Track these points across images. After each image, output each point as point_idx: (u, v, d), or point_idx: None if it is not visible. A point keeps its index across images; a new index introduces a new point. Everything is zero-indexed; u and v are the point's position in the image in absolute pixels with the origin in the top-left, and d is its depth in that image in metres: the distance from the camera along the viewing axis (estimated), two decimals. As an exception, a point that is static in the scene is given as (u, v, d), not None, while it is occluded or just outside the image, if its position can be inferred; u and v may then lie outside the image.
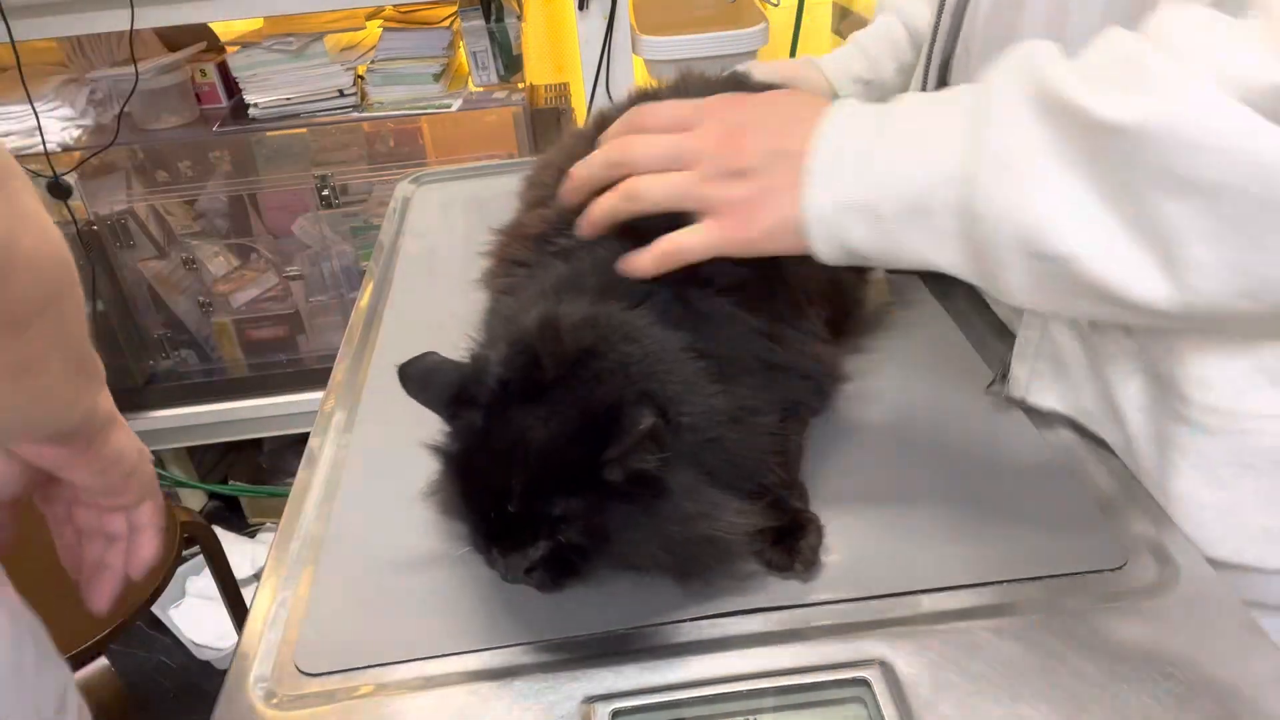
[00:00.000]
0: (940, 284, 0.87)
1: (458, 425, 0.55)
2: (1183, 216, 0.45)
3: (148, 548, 0.57)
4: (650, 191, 0.57)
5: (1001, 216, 0.49)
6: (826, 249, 0.56)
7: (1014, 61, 0.51)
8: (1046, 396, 0.69)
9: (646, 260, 0.58)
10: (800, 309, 0.68)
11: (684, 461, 0.53)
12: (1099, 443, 0.67)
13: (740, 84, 0.80)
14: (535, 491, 0.51)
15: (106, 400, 0.50)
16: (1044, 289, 0.51)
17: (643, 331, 0.56)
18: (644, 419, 0.49)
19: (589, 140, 0.78)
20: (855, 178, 0.54)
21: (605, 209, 0.60)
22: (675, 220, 0.59)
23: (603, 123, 0.78)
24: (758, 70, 0.90)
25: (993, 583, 0.56)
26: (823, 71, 0.95)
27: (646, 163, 0.58)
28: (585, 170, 0.61)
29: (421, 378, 0.56)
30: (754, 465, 0.58)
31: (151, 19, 1.73)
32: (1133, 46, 0.47)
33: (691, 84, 0.80)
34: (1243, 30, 0.45)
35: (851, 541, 0.60)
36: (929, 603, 0.56)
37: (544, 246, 0.69)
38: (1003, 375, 0.71)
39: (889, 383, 0.75)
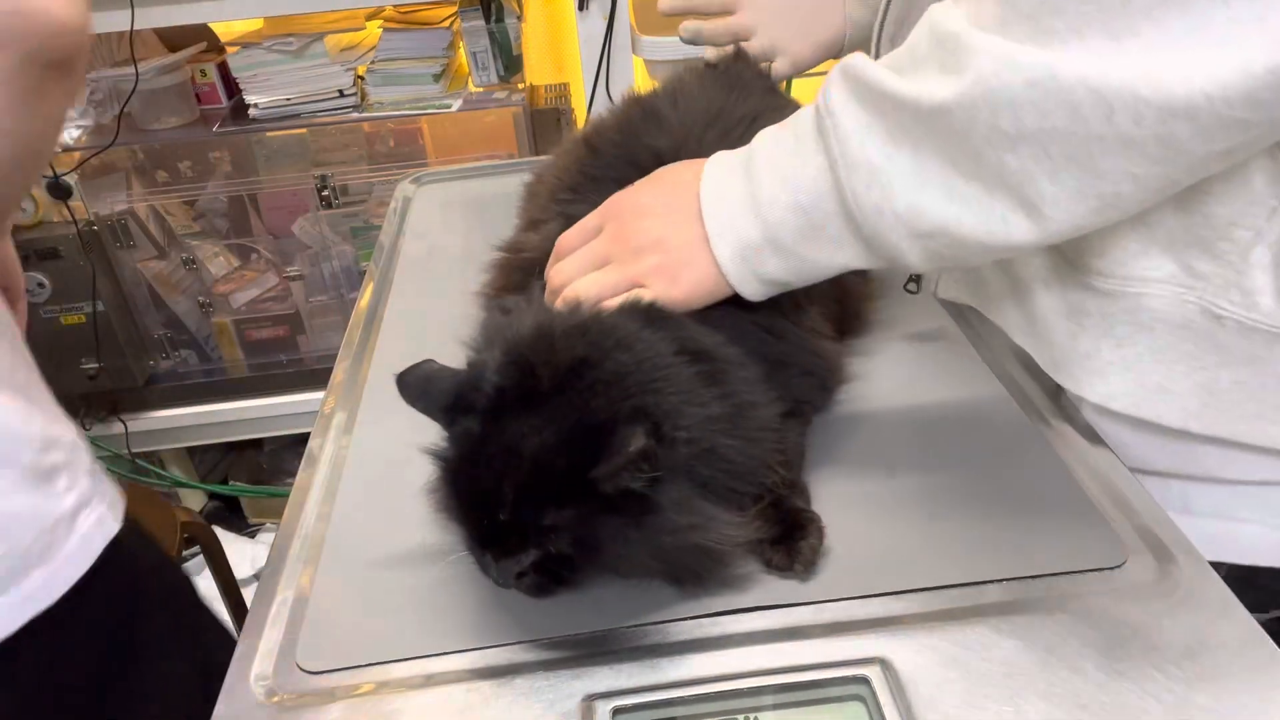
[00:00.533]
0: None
1: (455, 432, 0.55)
2: (1023, 164, 0.51)
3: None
4: (587, 292, 0.63)
5: (876, 211, 0.56)
6: (750, 288, 0.62)
7: (837, 73, 0.57)
8: (953, 290, 0.78)
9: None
10: (800, 306, 0.68)
11: (677, 475, 0.53)
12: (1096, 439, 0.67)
13: (742, 59, 0.81)
14: (526, 501, 0.51)
15: None
16: (938, 257, 0.57)
17: (636, 337, 0.56)
18: (635, 440, 0.49)
19: (581, 148, 0.78)
20: (747, 222, 0.60)
21: None
22: None
23: (600, 129, 0.79)
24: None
25: (993, 581, 0.57)
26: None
27: (578, 275, 0.65)
28: (547, 299, 0.68)
29: (419, 385, 0.57)
30: (752, 469, 0.58)
31: (151, 19, 1.74)
32: (940, 21, 0.53)
33: (686, 85, 0.79)
34: None
35: (852, 540, 0.60)
36: (929, 601, 0.56)
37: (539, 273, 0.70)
38: (915, 277, 0.79)
39: (889, 382, 0.75)
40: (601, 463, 0.50)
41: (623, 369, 0.54)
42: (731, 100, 0.79)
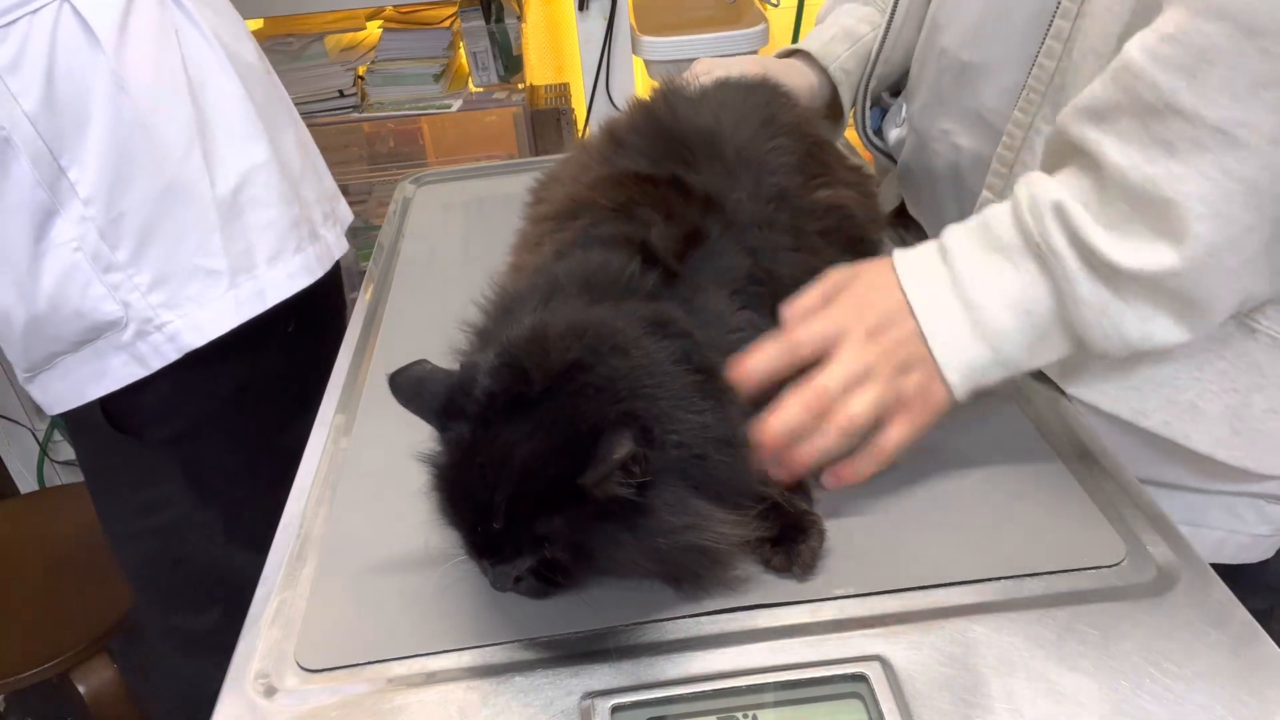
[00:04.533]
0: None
1: (446, 438, 0.55)
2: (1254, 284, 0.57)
3: None
4: (860, 408, 0.59)
5: (1105, 336, 0.58)
6: (965, 398, 0.62)
7: (1051, 214, 0.58)
8: None
9: (865, 469, 0.61)
10: None
11: (670, 476, 0.52)
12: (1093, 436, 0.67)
13: (728, 89, 0.80)
14: (518, 509, 0.51)
15: None
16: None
17: (634, 342, 0.55)
18: (621, 446, 0.49)
19: (596, 154, 0.78)
20: (978, 351, 0.60)
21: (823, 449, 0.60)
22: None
23: (612, 134, 0.78)
24: (736, 65, 0.90)
25: (991, 579, 0.57)
26: (815, 59, 0.95)
27: (843, 387, 0.60)
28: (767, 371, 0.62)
29: (411, 387, 0.56)
30: (745, 486, 0.57)
31: (152, 19, 1.73)
32: (1131, 169, 0.55)
33: (675, 99, 0.79)
34: None
35: (851, 538, 0.60)
36: (928, 599, 0.56)
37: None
38: None
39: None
40: (589, 469, 0.49)
41: (615, 374, 0.53)
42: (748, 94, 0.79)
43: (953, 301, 0.60)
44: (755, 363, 0.60)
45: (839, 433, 0.59)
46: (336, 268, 1.15)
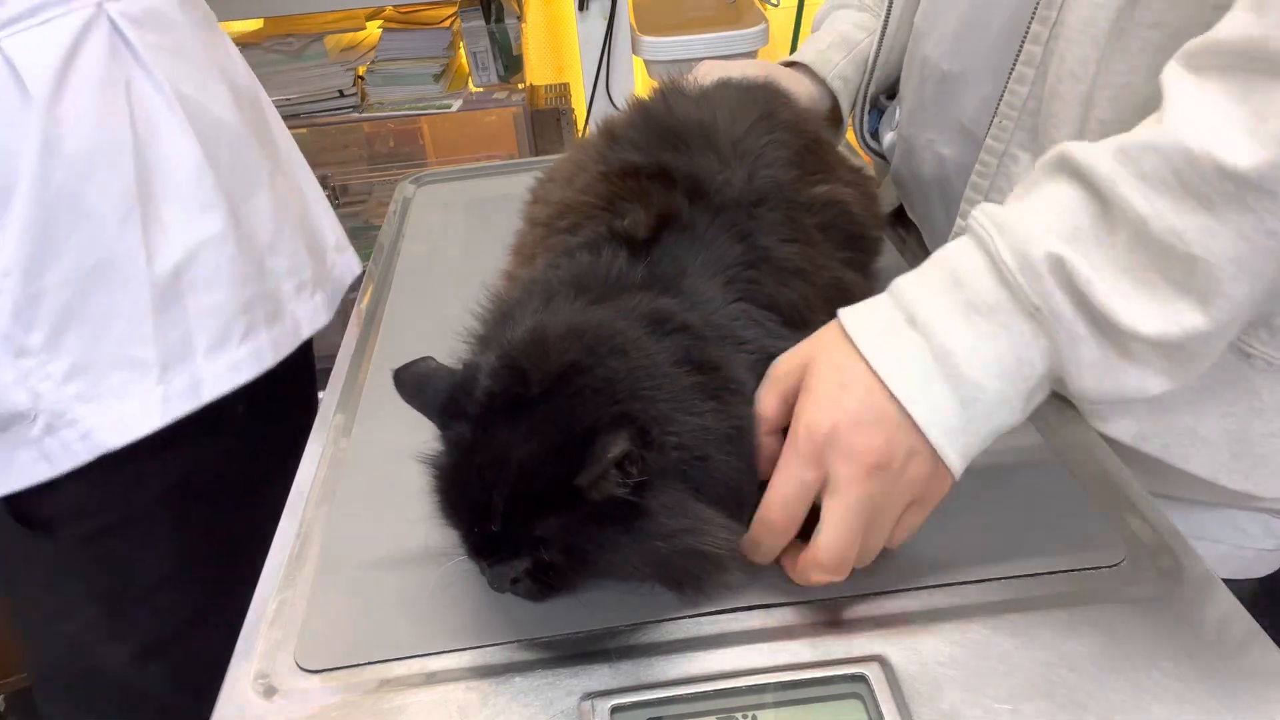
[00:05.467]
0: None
1: (447, 436, 0.55)
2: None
3: None
4: (875, 545, 0.55)
5: (1101, 394, 0.52)
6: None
7: (1048, 272, 0.50)
8: None
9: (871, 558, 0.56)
10: (806, 321, 0.64)
11: (668, 479, 0.52)
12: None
13: (728, 88, 0.80)
14: (515, 511, 0.51)
15: None
16: None
17: (633, 343, 0.55)
18: (616, 446, 0.48)
19: (594, 152, 0.78)
20: (974, 432, 0.53)
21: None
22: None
23: (609, 132, 0.78)
24: (738, 68, 0.90)
25: (991, 580, 0.57)
26: (812, 69, 0.95)
27: (851, 541, 0.54)
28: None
29: (415, 383, 0.56)
30: (748, 489, 0.56)
31: (152, 19, 1.73)
32: (1153, 218, 0.48)
33: (674, 97, 0.79)
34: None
35: (850, 539, 0.60)
36: (928, 599, 0.56)
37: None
38: None
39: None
40: (584, 470, 0.49)
41: (614, 375, 0.53)
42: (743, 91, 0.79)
43: (940, 383, 0.52)
44: (755, 555, 0.56)
45: (861, 564, 0.55)
46: (307, 345, 1.00)
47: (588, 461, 0.49)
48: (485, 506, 0.51)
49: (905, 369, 0.52)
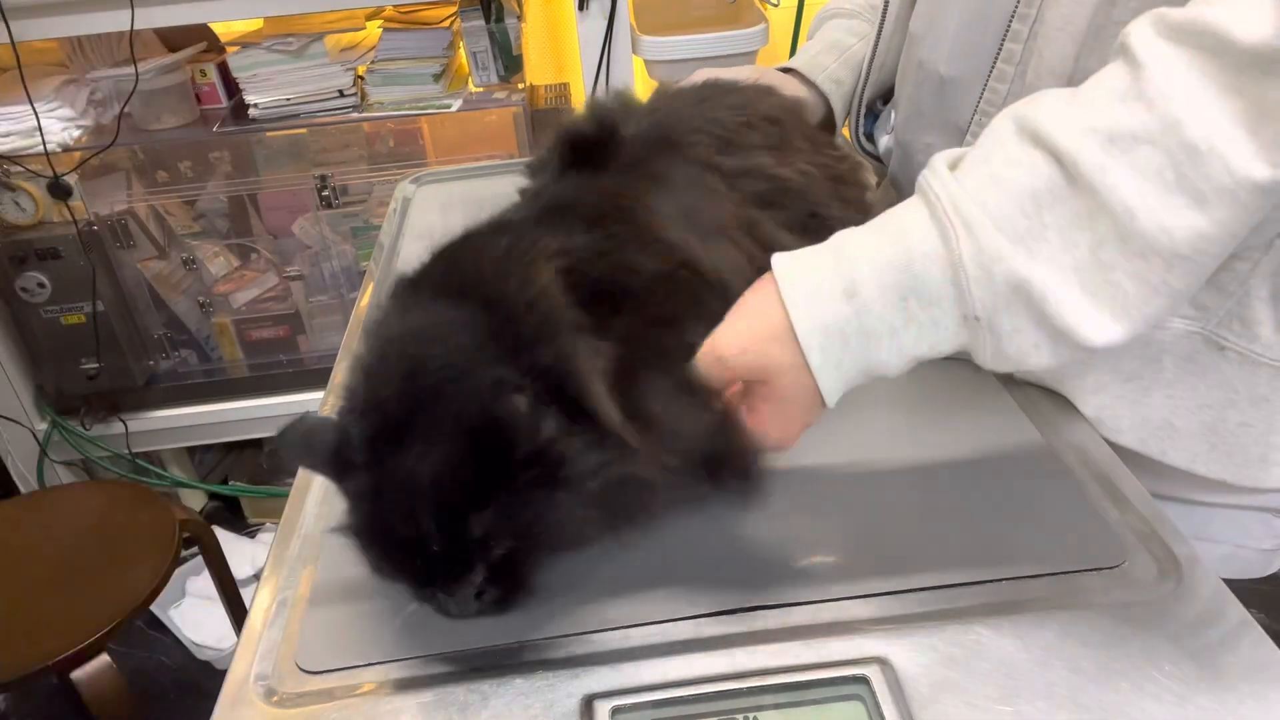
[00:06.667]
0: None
1: (347, 489, 0.55)
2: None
3: None
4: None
5: (1023, 356, 0.51)
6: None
7: (975, 267, 0.49)
8: None
9: None
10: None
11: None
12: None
13: (717, 89, 0.81)
14: (446, 523, 0.51)
15: None
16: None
17: (446, 325, 0.55)
18: (518, 404, 0.49)
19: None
20: (855, 371, 0.55)
21: None
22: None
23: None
24: (735, 73, 0.90)
25: (992, 581, 0.57)
26: (805, 76, 0.95)
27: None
28: None
29: (300, 441, 0.55)
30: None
31: (151, 19, 1.74)
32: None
33: (664, 100, 0.79)
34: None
35: (851, 540, 0.60)
36: (928, 601, 0.56)
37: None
38: None
39: (888, 384, 0.75)
40: (516, 446, 0.49)
41: (445, 361, 0.53)
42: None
43: (850, 358, 0.54)
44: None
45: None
46: None
47: (510, 433, 0.49)
48: (417, 533, 0.51)
49: (826, 343, 0.53)
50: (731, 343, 0.55)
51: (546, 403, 0.52)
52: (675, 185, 0.67)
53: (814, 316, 0.53)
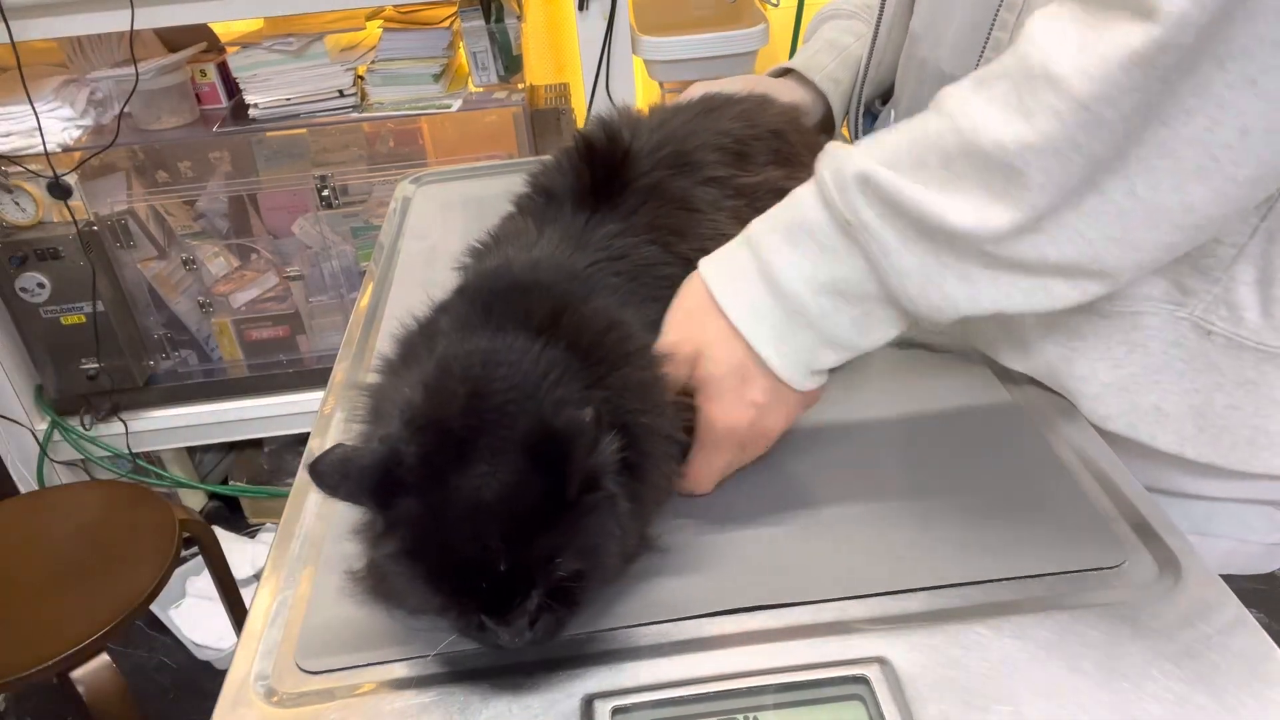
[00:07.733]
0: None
1: (397, 515, 0.52)
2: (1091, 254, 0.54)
3: None
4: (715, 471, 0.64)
5: (933, 308, 0.57)
6: (819, 383, 0.63)
7: (855, 187, 0.56)
8: (929, 335, 0.78)
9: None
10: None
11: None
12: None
13: (718, 102, 0.81)
14: (517, 542, 0.49)
15: None
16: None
17: (509, 348, 0.56)
18: (586, 418, 0.50)
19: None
20: (802, 341, 0.60)
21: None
22: None
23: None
24: (729, 84, 0.91)
25: (992, 581, 0.57)
26: (803, 75, 0.95)
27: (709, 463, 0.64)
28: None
29: (336, 471, 0.52)
30: (669, 435, 0.59)
31: (151, 19, 1.74)
32: (974, 130, 0.53)
33: (667, 114, 0.80)
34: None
35: (851, 540, 0.60)
36: (928, 601, 0.56)
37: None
38: None
39: (887, 381, 0.75)
40: (574, 460, 0.50)
41: (512, 381, 0.53)
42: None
43: (765, 297, 0.59)
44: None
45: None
46: None
47: (575, 450, 0.50)
48: (484, 552, 0.49)
49: (735, 286, 0.60)
50: (669, 330, 0.63)
51: (608, 427, 0.52)
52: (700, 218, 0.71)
53: (721, 272, 0.62)
